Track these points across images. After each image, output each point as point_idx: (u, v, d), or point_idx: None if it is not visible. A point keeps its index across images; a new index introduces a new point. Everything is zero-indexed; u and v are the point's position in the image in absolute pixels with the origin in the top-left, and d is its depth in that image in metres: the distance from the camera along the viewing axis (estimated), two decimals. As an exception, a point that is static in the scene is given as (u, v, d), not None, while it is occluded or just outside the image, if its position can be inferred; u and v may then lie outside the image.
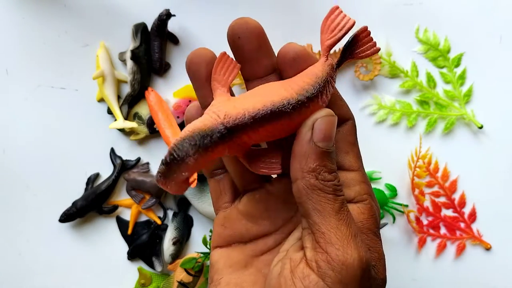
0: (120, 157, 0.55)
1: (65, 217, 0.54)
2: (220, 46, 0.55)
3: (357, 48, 0.29)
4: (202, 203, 0.53)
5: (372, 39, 0.29)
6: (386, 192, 0.55)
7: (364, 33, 0.29)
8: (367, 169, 0.56)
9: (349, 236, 0.24)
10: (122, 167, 0.55)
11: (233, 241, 0.30)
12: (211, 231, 0.55)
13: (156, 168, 0.55)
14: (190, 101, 0.54)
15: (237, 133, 0.25)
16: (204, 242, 0.53)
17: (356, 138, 0.29)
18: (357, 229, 0.25)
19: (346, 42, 0.29)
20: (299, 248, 0.26)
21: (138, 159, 0.56)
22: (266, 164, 0.27)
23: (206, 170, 0.32)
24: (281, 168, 0.27)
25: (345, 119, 0.29)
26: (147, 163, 0.56)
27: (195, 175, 0.51)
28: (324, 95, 0.26)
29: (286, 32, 0.55)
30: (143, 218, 0.57)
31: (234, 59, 0.29)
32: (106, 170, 0.56)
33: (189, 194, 0.53)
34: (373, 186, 0.55)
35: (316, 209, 0.25)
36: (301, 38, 0.54)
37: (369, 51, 0.29)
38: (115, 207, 0.56)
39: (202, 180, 0.53)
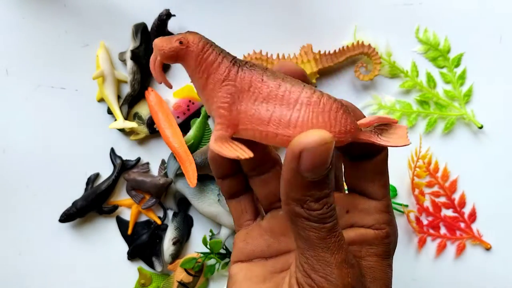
0: (120, 157, 0.55)
1: (65, 217, 0.54)
2: (220, 45, 0.55)
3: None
4: (202, 203, 0.53)
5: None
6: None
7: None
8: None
9: (333, 264, 0.24)
10: (122, 167, 0.55)
11: (255, 256, 0.30)
12: (211, 231, 0.55)
13: (156, 168, 0.56)
14: (190, 101, 0.54)
15: None
16: (204, 242, 0.53)
17: (386, 169, 0.29)
18: (345, 256, 0.24)
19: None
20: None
21: (138, 159, 0.56)
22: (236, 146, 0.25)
23: (225, 192, 0.32)
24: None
25: (379, 149, 0.28)
26: (147, 163, 0.56)
27: (195, 175, 0.51)
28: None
29: (286, 32, 0.55)
30: (143, 218, 0.57)
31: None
32: (106, 170, 0.56)
33: (189, 194, 0.53)
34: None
35: (300, 235, 0.24)
36: (301, 38, 0.54)
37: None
38: (115, 207, 0.56)
39: (202, 180, 0.53)
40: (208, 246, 0.53)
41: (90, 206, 0.54)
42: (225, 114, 0.24)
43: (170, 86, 0.26)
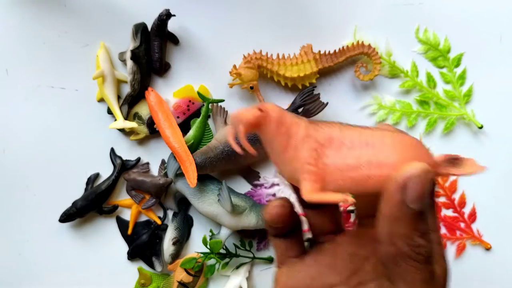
0: (120, 157, 0.55)
1: (65, 217, 0.54)
2: (220, 46, 0.55)
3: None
4: (202, 203, 0.53)
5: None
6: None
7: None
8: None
9: None
10: (122, 167, 0.55)
11: None
12: (211, 231, 0.55)
13: (156, 168, 0.56)
14: (190, 101, 0.54)
15: None
16: (204, 242, 0.53)
17: (434, 197, 0.28)
18: None
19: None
20: None
21: (138, 159, 0.56)
22: None
23: (270, 228, 0.31)
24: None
25: None
26: (147, 163, 0.56)
27: (195, 175, 0.51)
28: None
29: (286, 32, 0.55)
30: (143, 218, 0.57)
31: None
32: (106, 170, 0.56)
33: (189, 194, 0.53)
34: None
35: (403, 279, 0.23)
36: (301, 38, 0.54)
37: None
38: (115, 207, 0.56)
39: (202, 180, 0.53)
40: (208, 246, 0.53)
41: (90, 206, 0.54)
42: (313, 169, 0.25)
43: (254, 152, 0.27)
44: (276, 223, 0.29)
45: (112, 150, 0.56)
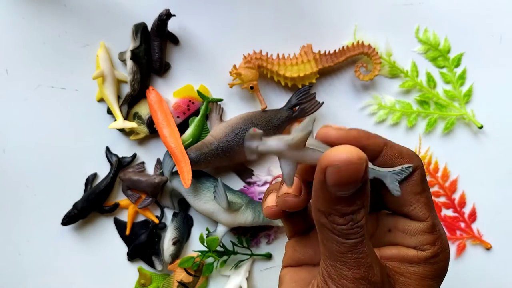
0: (116, 155, 0.55)
1: (67, 220, 0.54)
2: (220, 46, 0.55)
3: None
4: (198, 201, 0.53)
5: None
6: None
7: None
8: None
9: (349, 278, 0.25)
10: (119, 164, 0.55)
11: (303, 262, 0.32)
12: (207, 229, 0.55)
13: (152, 168, 0.56)
14: (190, 101, 0.54)
15: None
16: (201, 240, 0.53)
17: (425, 186, 0.28)
18: (365, 274, 0.25)
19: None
20: None
21: (134, 155, 0.56)
22: None
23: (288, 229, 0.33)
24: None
25: (413, 169, 0.28)
26: (142, 163, 0.56)
27: (190, 176, 0.51)
28: None
29: (286, 32, 0.55)
30: (141, 218, 0.57)
31: None
32: (106, 170, 0.56)
33: (185, 192, 0.53)
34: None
35: (323, 243, 0.25)
36: (301, 38, 0.54)
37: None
38: (116, 205, 0.56)
39: (197, 177, 0.53)
40: (205, 243, 0.53)
41: (91, 206, 0.54)
42: None
43: None
44: (276, 217, 0.31)
45: (108, 148, 0.56)
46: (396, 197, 0.28)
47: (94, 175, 0.56)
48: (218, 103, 0.55)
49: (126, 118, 0.54)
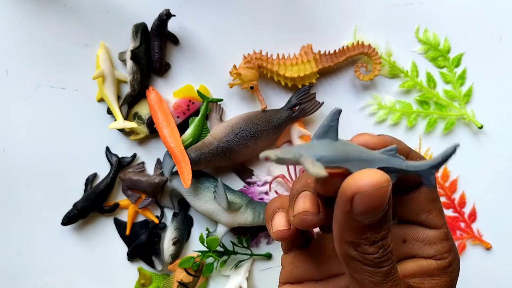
0: (116, 155, 0.55)
1: (68, 220, 0.54)
2: (220, 46, 0.55)
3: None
4: (198, 201, 0.53)
5: None
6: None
7: None
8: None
9: None
10: (119, 164, 0.55)
11: (304, 279, 0.30)
12: (207, 229, 0.55)
13: (152, 168, 0.56)
14: (190, 101, 0.54)
15: None
16: (201, 240, 0.53)
17: (437, 193, 0.28)
18: None
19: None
20: None
21: (134, 155, 0.56)
22: None
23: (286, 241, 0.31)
24: None
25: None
26: (142, 163, 0.56)
27: (190, 176, 0.51)
28: None
29: (286, 32, 0.55)
30: (141, 218, 0.57)
31: None
32: (106, 170, 0.56)
33: (185, 192, 0.53)
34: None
35: (353, 276, 0.24)
36: (301, 38, 0.54)
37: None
38: (116, 205, 0.56)
39: (197, 177, 0.53)
40: (205, 243, 0.53)
41: (91, 206, 0.54)
42: None
43: None
44: (288, 240, 0.29)
45: (108, 148, 0.56)
46: (412, 205, 0.27)
47: (94, 175, 0.56)
48: (218, 103, 0.55)
49: (126, 118, 0.54)
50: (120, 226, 0.56)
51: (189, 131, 0.54)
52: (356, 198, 0.21)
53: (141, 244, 0.55)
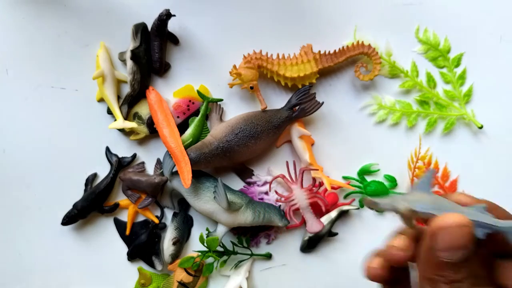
0: (116, 155, 0.55)
1: (67, 220, 0.54)
2: (220, 46, 0.55)
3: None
4: (198, 201, 0.53)
5: None
6: (386, 183, 0.55)
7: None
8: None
9: None
10: (119, 164, 0.55)
11: None
12: (207, 229, 0.55)
13: (152, 168, 0.56)
14: (190, 101, 0.54)
15: None
16: (201, 240, 0.53)
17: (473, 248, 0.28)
18: None
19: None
20: None
21: (134, 155, 0.56)
22: None
23: None
24: None
25: None
26: (142, 163, 0.56)
27: (190, 176, 0.51)
28: None
29: (286, 32, 0.55)
30: (141, 218, 0.57)
31: None
32: (106, 170, 0.56)
33: (185, 192, 0.53)
34: (372, 178, 0.55)
35: None
36: (301, 38, 0.54)
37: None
38: (116, 205, 0.56)
39: (197, 177, 0.53)
40: (205, 243, 0.53)
41: (91, 206, 0.54)
42: None
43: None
44: (377, 280, 0.30)
45: (108, 148, 0.56)
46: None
47: (94, 175, 0.56)
48: (218, 103, 0.55)
49: (126, 118, 0.54)
50: (120, 226, 0.56)
51: (189, 131, 0.54)
52: (439, 233, 0.23)
53: (141, 244, 0.55)
